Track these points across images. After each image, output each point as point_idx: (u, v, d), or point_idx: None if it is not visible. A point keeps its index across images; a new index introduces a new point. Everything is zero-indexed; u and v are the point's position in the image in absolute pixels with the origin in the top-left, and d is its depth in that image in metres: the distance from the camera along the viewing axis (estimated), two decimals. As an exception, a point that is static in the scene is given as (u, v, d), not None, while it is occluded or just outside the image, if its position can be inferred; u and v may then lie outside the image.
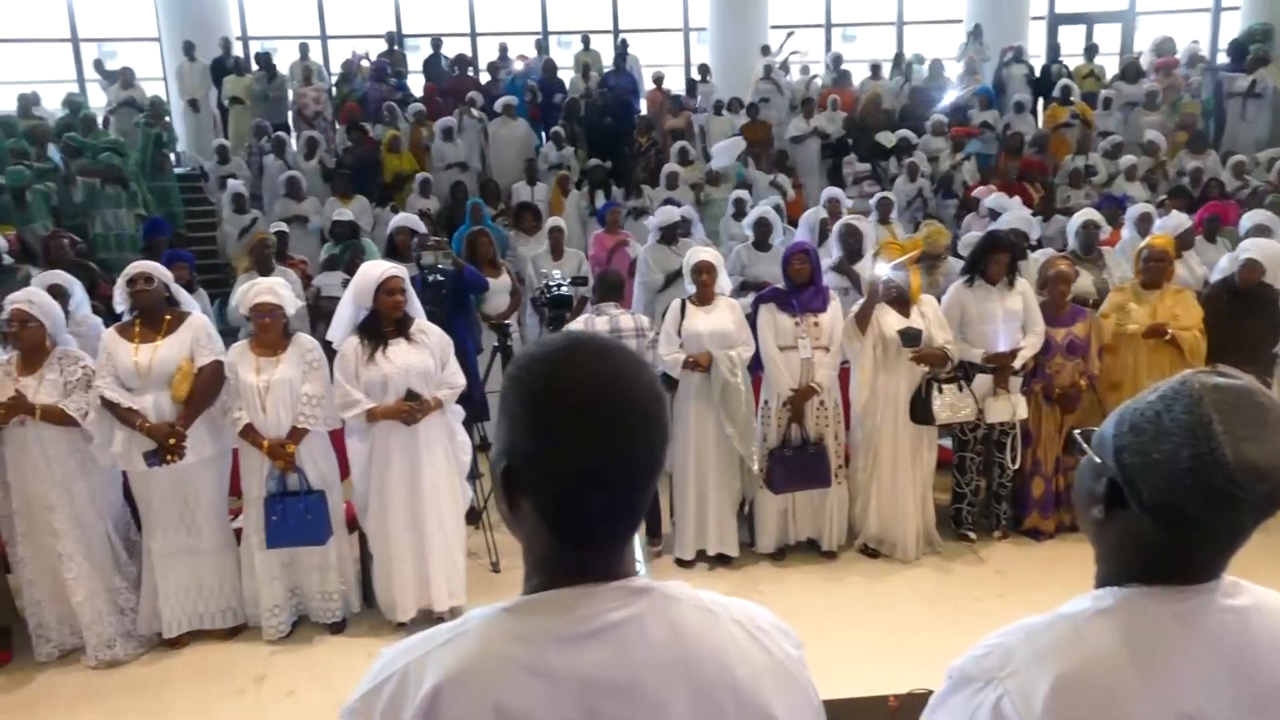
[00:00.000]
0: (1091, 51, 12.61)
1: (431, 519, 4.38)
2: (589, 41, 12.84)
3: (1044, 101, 11.81)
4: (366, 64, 12.15)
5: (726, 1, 13.60)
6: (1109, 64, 12.80)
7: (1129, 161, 9.66)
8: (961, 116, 11.03)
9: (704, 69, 12.76)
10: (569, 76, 12.37)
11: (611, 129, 11.05)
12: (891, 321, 4.85)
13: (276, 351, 4.31)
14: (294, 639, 4.47)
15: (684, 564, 5.08)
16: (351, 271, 6.51)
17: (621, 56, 12.52)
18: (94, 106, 11.59)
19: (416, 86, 12.31)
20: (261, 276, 5.82)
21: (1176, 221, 6.24)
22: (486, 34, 14.14)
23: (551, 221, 7.39)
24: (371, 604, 4.62)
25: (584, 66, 12.26)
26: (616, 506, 1.02)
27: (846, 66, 12.32)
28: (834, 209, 7.65)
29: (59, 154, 9.47)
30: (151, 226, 8.30)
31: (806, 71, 12.59)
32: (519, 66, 12.35)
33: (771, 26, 13.63)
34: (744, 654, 1.03)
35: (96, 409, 4.15)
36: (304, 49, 11.99)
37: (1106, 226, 6.45)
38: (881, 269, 4.89)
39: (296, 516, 4.22)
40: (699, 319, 4.92)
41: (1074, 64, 12.47)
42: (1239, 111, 11.25)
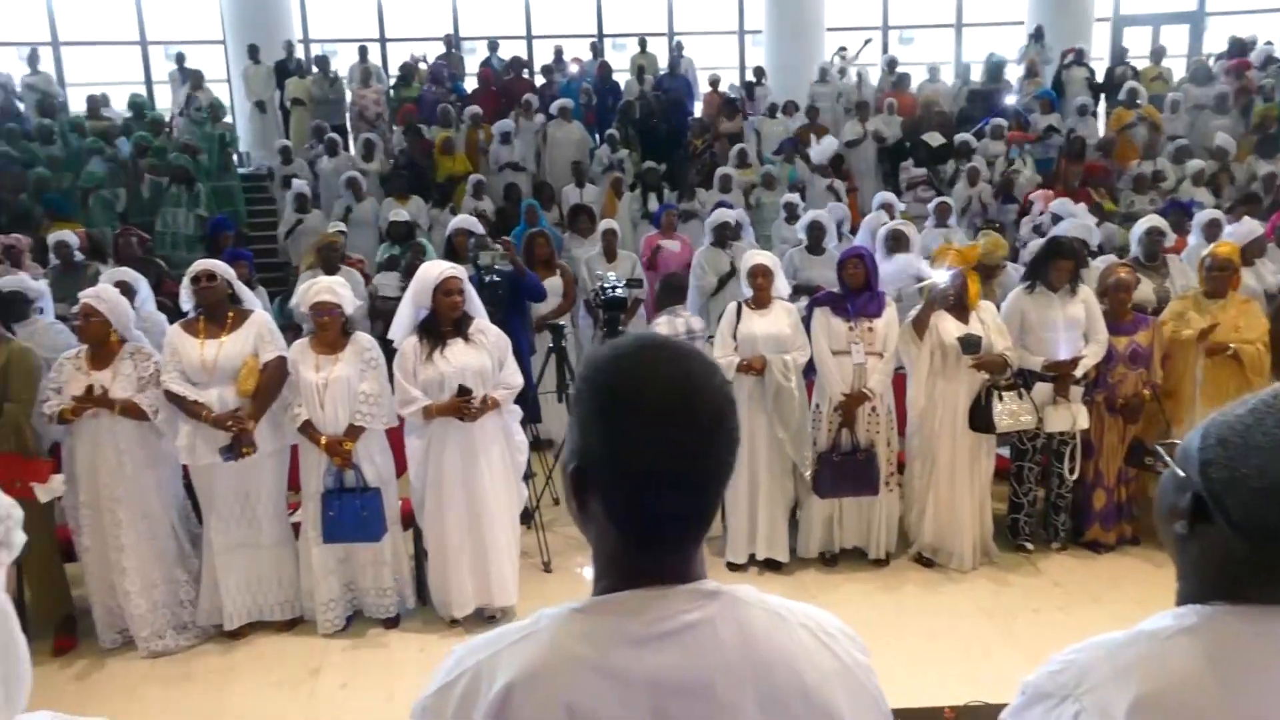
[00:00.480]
0: (1159, 53, 12.32)
1: (486, 517, 4.42)
2: (645, 44, 12.88)
3: (1107, 105, 11.57)
4: (424, 66, 12.31)
5: (782, 5, 13.54)
6: (1176, 66, 12.50)
7: (1196, 166, 9.40)
8: (1023, 120, 10.84)
9: (759, 72, 12.72)
10: (624, 79, 12.41)
11: (665, 132, 11.06)
12: (950, 328, 4.79)
13: (335, 350, 4.37)
14: (348, 633, 4.53)
15: (735, 568, 5.06)
16: (409, 272, 6.61)
17: (676, 59, 12.52)
18: (159, 108, 11.90)
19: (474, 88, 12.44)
20: (326, 275, 5.93)
21: (1249, 228, 6.06)
22: (542, 36, 14.25)
23: (605, 224, 7.40)
24: (426, 600, 4.67)
25: (639, 69, 12.29)
26: (685, 509, 1.02)
27: (904, 69, 12.19)
28: (890, 213, 7.59)
29: (128, 153, 9.74)
30: (215, 225, 8.50)
31: (863, 75, 12.48)
32: (574, 69, 12.41)
33: (828, 29, 13.55)
34: (813, 659, 1.03)
35: (163, 404, 4.25)
36: (363, 51, 12.17)
37: (1170, 233, 6.28)
38: (939, 274, 4.82)
39: (352, 513, 4.27)
40: (754, 322, 4.90)
41: (1140, 66, 12.19)
42: (1313, 115, 10.91)
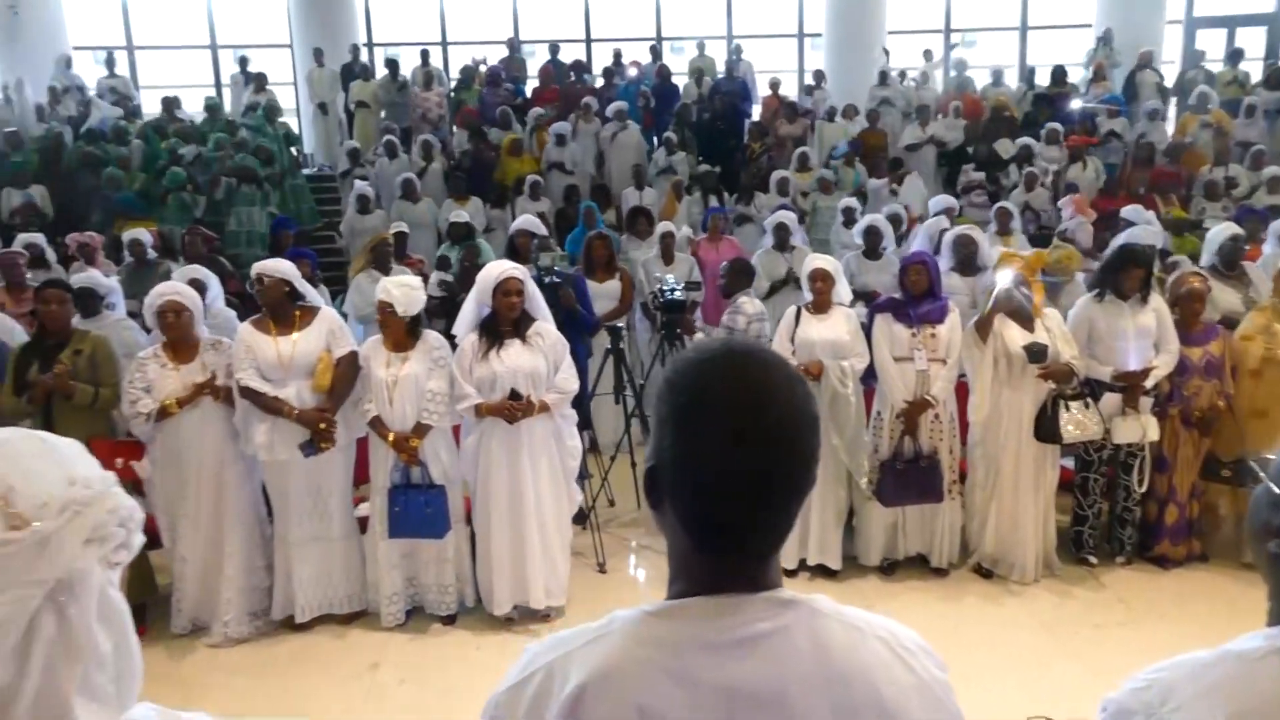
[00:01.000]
0: (1236, 56, 11.97)
1: (530, 519, 4.45)
2: (703, 47, 12.87)
3: (1177, 109, 11.28)
4: (484, 69, 12.45)
5: (843, 7, 13.43)
6: (1255, 70, 12.13)
7: (1272, 172, 9.11)
8: (1089, 125, 10.62)
9: (819, 75, 12.63)
10: (683, 83, 12.41)
11: (722, 134, 11.04)
12: (1015, 336, 4.70)
13: (406, 348, 4.43)
14: (407, 628, 4.59)
15: (786, 573, 5.03)
16: (465, 272, 6.69)
17: (733, 62, 12.50)
18: (227, 111, 12.20)
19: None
20: (381, 275, 6.03)
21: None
22: (601, 40, 14.32)
23: (662, 226, 7.41)
24: (482, 598, 4.70)
25: (697, 73, 12.29)
26: (751, 520, 1.01)
27: (967, 73, 12.03)
28: (950, 218, 7.50)
29: (206, 154, 9.99)
30: (276, 225, 8.70)
31: (925, 79, 12.33)
32: (633, 73, 12.46)
33: (889, 32, 13.40)
34: (890, 673, 1.02)
35: (236, 401, 4.35)
36: (425, 55, 12.35)
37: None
38: (1004, 278, 4.74)
39: (417, 509, 4.33)
40: (813, 327, 4.87)
41: (1216, 70, 11.87)
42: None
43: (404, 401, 4.36)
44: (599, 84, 12.18)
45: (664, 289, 5.37)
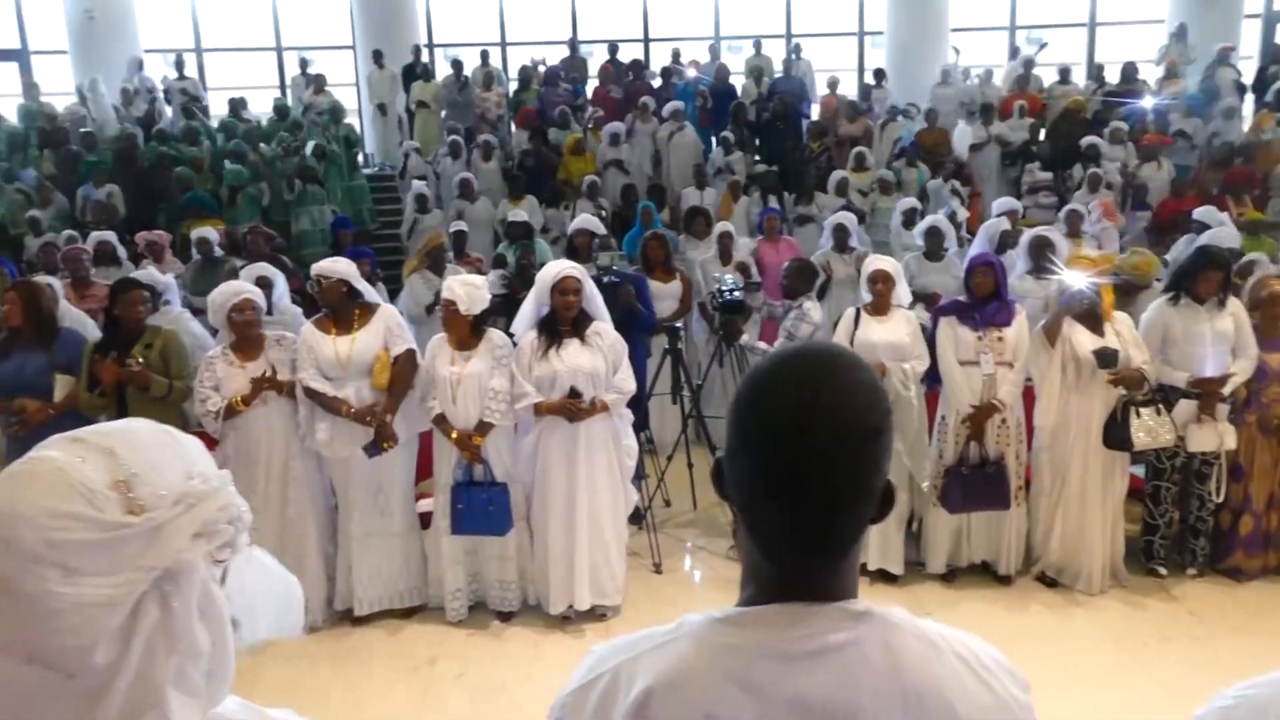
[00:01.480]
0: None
1: (585, 519, 4.45)
2: (760, 46, 12.78)
3: (1255, 107, 10.92)
4: (542, 70, 12.51)
5: (906, 4, 13.24)
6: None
7: (1354, 173, 8.79)
8: (1161, 124, 10.33)
9: (879, 74, 12.48)
10: (740, 82, 12.35)
11: (780, 134, 10.96)
12: (1084, 340, 4.58)
13: (469, 346, 4.46)
14: (467, 624, 4.62)
15: (847, 578, 4.95)
16: (520, 271, 6.72)
17: (791, 61, 12.39)
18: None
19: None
20: (434, 276, 6.09)
21: None
22: (660, 39, 14.31)
23: (720, 226, 7.37)
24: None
25: (756, 71, 12.21)
26: (806, 525, 0.98)
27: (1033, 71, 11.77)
28: (1013, 220, 7.34)
29: (276, 154, 10.21)
30: (335, 224, 8.84)
31: (989, 77, 12.09)
32: (691, 73, 12.42)
33: (952, 29, 13.19)
34: (968, 692, 0.99)
35: (302, 399, 4.41)
36: (484, 55, 12.45)
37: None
38: (1073, 279, 4.62)
39: (480, 506, 4.36)
40: (873, 329, 4.81)
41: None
42: None
43: (467, 399, 4.39)
44: (657, 84, 12.16)
45: (722, 289, 5.33)
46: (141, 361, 4.40)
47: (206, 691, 0.96)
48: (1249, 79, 11.47)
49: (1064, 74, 11.70)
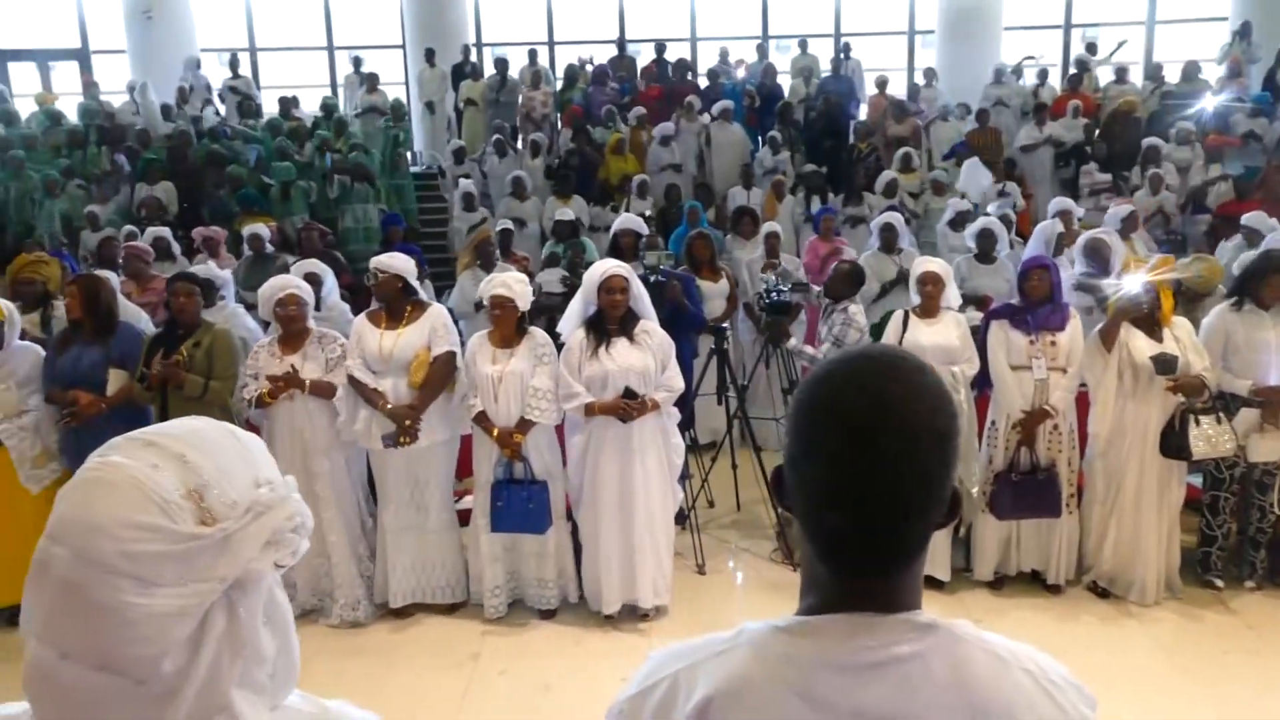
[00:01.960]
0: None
1: (640, 518, 4.44)
2: (806, 45, 12.67)
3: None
4: (589, 69, 12.53)
5: (957, 2, 13.05)
6: None
7: None
8: (1222, 125, 10.05)
9: (930, 73, 12.31)
10: (787, 82, 12.26)
11: (828, 134, 10.86)
12: (1141, 346, 4.47)
13: (511, 344, 4.48)
14: (506, 621, 4.63)
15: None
16: (571, 270, 6.73)
17: (840, 61, 12.27)
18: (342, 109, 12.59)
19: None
20: (484, 273, 6.12)
21: None
22: (707, 39, 14.27)
23: (768, 226, 7.32)
24: (584, 595, 4.71)
25: (805, 71, 12.11)
26: (873, 533, 0.96)
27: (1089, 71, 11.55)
28: (1066, 221, 7.18)
29: (315, 152, 10.35)
30: (385, 221, 8.92)
31: (1044, 76, 11.86)
32: (741, 74, 12.35)
33: (1005, 28, 12.97)
34: (1035, 708, 0.96)
35: (344, 386, 4.47)
36: (532, 55, 12.50)
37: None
38: (1132, 283, 4.51)
39: (520, 504, 4.37)
40: (922, 331, 4.74)
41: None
42: None
43: (509, 397, 4.41)
44: (703, 83, 12.11)
45: (769, 290, 5.29)
46: (186, 358, 4.45)
47: (271, 693, 0.96)
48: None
49: (1120, 73, 11.45)
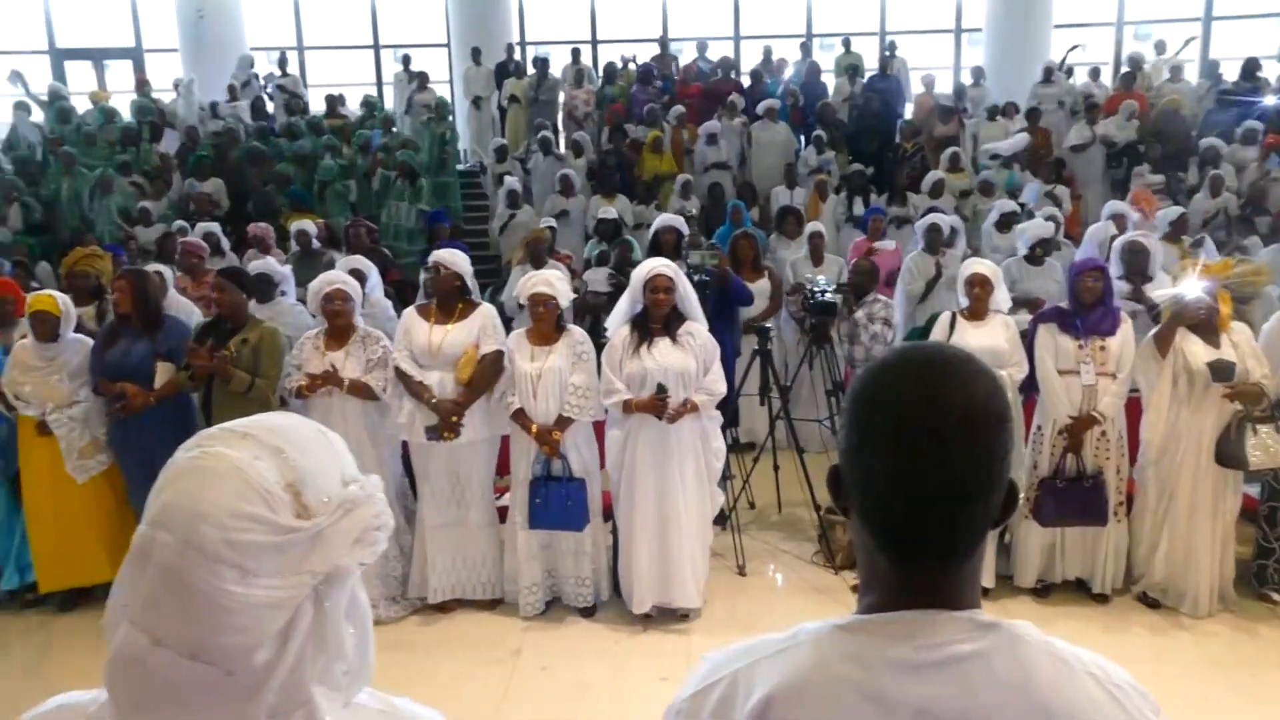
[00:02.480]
0: None
1: (674, 518, 4.44)
2: (849, 44, 12.55)
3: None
4: (632, 68, 12.53)
5: (1006, 1, 12.86)
6: None
7: None
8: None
9: (978, 72, 12.15)
10: (833, 81, 12.16)
11: (873, 134, 10.76)
12: (1198, 352, 4.36)
13: (550, 342, 4.49)
14: (546, 618, 4.65)
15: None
16: (618, 268, 6.73)
17: (887, 59, 12.14)
18: (387, 107, 12.71)
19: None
20: (534, 270, 6.14)
21: None
22: (750, 37, 14.20)
23: (812, 226, 7.28)
24: (620, 593, 4.72)
25: (849, 70, 12.00)
26: (933, 519, 0.96)
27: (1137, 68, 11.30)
28: (1120, 224, 7.06)
29: (358, 151, 10.46)
30: (431, 219, 8.98)
31: (1096, 75, 11.64)
32: (788, 73, 12.27)
33: (1055, 26, 12.76)
34: (1100, 711, 0.95)
35: (391, 380, 4.50)
36: (575, 53, 12.52)
37: None
38: (1190, 286, 4.40)
39: (558, 501, 4.39)
40: (969, 334, 4.68)
41: None
42: None
43: (547, 395, 4.42)
44: (746, 82, 12.05)
45: (814, 290, 5.25)
46: (234, 353, 4.50)
47: (345, 685, 0.97)
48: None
49: (1175, 71, 11.21)
